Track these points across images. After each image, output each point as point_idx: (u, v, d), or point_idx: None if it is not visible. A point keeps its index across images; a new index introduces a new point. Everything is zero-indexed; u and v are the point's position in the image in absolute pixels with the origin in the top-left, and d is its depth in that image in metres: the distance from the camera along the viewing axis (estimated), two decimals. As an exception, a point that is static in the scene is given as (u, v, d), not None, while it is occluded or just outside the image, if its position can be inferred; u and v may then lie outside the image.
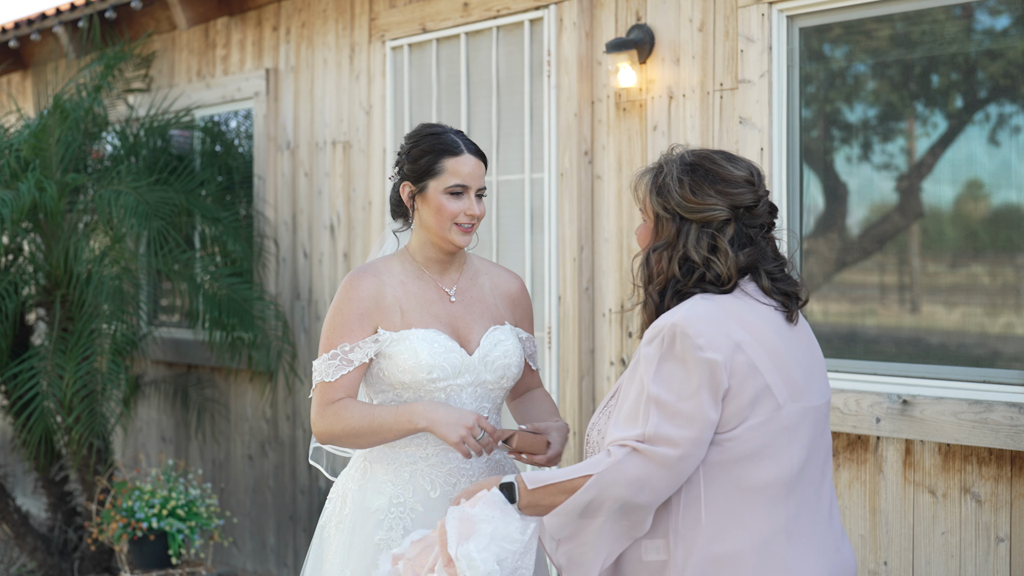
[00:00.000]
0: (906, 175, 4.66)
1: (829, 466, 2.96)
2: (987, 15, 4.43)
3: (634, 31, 5.27)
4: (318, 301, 6.93)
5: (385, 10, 6.45)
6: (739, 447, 2.78)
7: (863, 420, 4.52)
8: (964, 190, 4.52)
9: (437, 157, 3.38)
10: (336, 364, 3.36)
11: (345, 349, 3.36)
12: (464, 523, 2.82)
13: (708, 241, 2.86)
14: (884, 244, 4.73)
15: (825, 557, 2.87)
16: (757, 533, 2.78)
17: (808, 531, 2.84)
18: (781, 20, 4.82)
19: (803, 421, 2.84)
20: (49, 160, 6.70)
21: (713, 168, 2.90)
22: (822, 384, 2.95)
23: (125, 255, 6.66)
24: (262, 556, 7.34)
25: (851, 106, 4.78)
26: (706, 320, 2.78)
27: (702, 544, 2.78)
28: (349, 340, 3.37)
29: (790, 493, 2.80)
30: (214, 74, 7.64)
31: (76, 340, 6.51)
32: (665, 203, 2.91)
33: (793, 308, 2.91)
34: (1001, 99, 4.40)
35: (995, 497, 4.24)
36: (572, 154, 5.46)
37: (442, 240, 3.41)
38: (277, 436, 7.21)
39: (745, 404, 2.77)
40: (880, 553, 4.54)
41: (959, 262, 4.53)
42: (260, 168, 7.24)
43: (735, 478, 2.78)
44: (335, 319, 3.40)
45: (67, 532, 7.29)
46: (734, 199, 2.88)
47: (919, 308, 4.63)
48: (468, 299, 3.49)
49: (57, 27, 7.91)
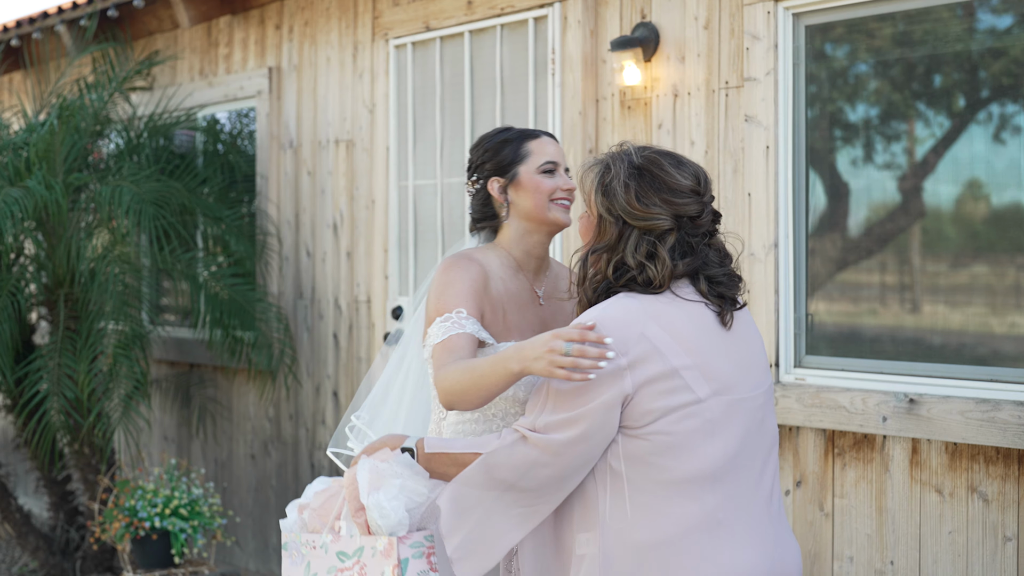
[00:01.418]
0: (910, 174, 4.64)
1: (773, 457, 2.98)
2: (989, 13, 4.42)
3: (639, 29, 5.26)
4: (321, 300, 6.91)
5: (388, 8, 6.43)
6: (659, 440, 2.81)
7: (869, 419, 4.51)
8: (966, 189, 4.51)
9: (519, 143, 3.39)
10: (448, 326, 3.18)
11: (461, 314, 3.21)
12: (375, 475, 2.92)
13: (647, 248, 2.89)
14: (889, 243, 4.72)
15: (758, 549, 2.88)
16: (682, 522, 2.81)
17: (740, 523, 2.86)
18: (787, 18, 4.80)
19: (731, 413, 2.87)
20: (54, 160, 6.69)
21: (660, 175, 2.92)
22: (759, 376, 2.97)
23: (128, 252, 6.64)
24: (264, 555, 7.32)
25: (853, 105, 4.77)
26: (617, 320, 2.81)
27: (628, 535, 2.82)
28: (464, 308, 3.22)
29: (717, 484, 2.83)
30: (216, 73, 7.63)
31: (84, 339, 6.50)
32: (610, 206, 2.93)
33: (727, 310, 2.93)
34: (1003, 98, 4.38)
35: (1002, 496, 4.23)
36: (577, 152, 5.45)
37: (543, 221, 3.38)
38: (280, 435, 7.20)
39: (657, 400, 2.80)
40: (887, 552, 4.52)
41: (965, 261, 4.52)
42: (263, 167, 7.23)
43: (657, 470, 2.82)
44: (447, 290, 3.24)
45: (69, 531, 7.28)
46: (678, 209, 2.91)
47: (925, 307, 4.62)
48: (553, 304, 3.47)
49: (59, 26, 7.89)
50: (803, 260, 4.83)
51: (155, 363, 7.89)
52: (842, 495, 4.65)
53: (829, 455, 4.69)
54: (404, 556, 2.95)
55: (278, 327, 6.93)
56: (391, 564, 2.93)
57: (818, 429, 4.71)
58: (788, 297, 4.82)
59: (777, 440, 3.03)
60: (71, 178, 6.71)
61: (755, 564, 2.86)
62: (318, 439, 6.93)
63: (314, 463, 6.96)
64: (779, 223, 4.81)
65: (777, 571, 2.92)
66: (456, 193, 6.14)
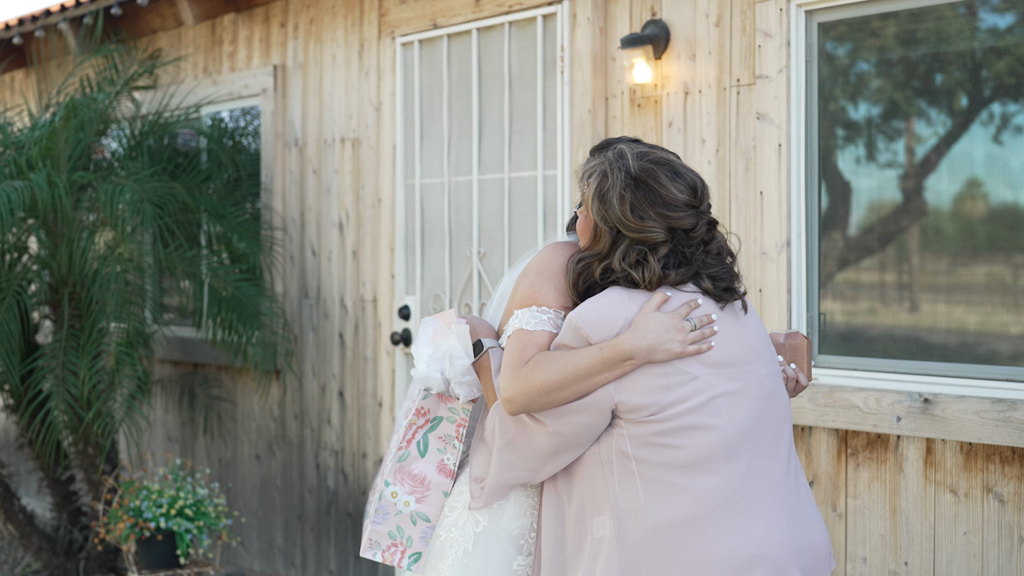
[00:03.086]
0: (918, 173, 4.61)
1: (788, 429, 3.02)
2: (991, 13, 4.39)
3: (649, 26, 5.23)
4: (326, 300, 6.88)
5: (395, 6, 6.40)
6: (665, 422, 2.87)
7: (883, 419, 4.48)
8: (968, 189, 4.48)
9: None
10: (543, 318, 3.05)
11: (561, 313, 3.07)
12: (438, 332, 3.23)
13: (637, 256, 2.96)
14: (900, 241, 4.69)
15: (781, 523, 2.90)
16: (700, 500, 2.85)
17: (760, 497, 2.89)
18: (800, 15, 4.77)
19: (737, 386, 2.93)
20: (58, 158, 6.66)
21: (656, 188, 2.96)
22: (761, 350, 3.03)
23: (131, 251, 6.61)
24: (269, 556, 7.29)
25: (868, 102, 4.74)
26: (600, 314, 2.92)
27: (644, 516, 2.86)
28: (556, 306, 3.08)
29: (732, 458, 2.87)
30: (221, 71, 7.59)
31: (88, 337, 6.47)
32: (605, 215, 2.98)
33: (728, 299, 3.00)
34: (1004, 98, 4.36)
35: (1018, 496, 4.20)
36: (586, 151, 5.42)
37: None
38: (285, 435, 7.16)
39: (654, 380, 2.88)
40: (900, 553, 4.49)
41: (982, 260, 4.49)
42: (268, 165, 7.19)
43: (668, 451, 2.87)
44: (541, 275, 3.10)
45: (72, 532, 7.24)
46: (673, 222, 2.96)
47: (941, 307, 4.59)
48: None
49: (62, 24, 7.86)
50: (815, 259, 4.80)
51: (159, 363, 7.86)
52: (855, 495, 4.62)
53: (842, 455, 4.66)
54: (439, 415, 3.28)
55: (283, 324, 6.90)
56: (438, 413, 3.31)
57: (831, 429, 4.68)
58: (800, 296, 4.78)
59: (790, 413, 3.06)
60: (75, 176, 6.67)
61: (778, 539, 2.88)
62: (323, 439, 6.90)
63: (319, 463, 6.92)
64: (791, 221, 4.78)
65: (801, 545, 2.92)
66: (464, 192, 6.11)
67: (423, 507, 3.27)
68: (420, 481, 3.28)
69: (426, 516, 3.27)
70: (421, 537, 3.27)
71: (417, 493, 3.28)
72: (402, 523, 3.28)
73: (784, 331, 3.45)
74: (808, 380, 3.31)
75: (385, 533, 3.28)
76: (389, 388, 6.46)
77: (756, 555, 2.83)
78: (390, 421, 6.46)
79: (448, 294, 6.17)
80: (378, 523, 3.29)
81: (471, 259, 6.06)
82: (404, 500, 3.28)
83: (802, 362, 3.31)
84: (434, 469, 3.28)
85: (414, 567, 3.29)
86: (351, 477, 6.73)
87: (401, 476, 3.28)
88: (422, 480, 3.28)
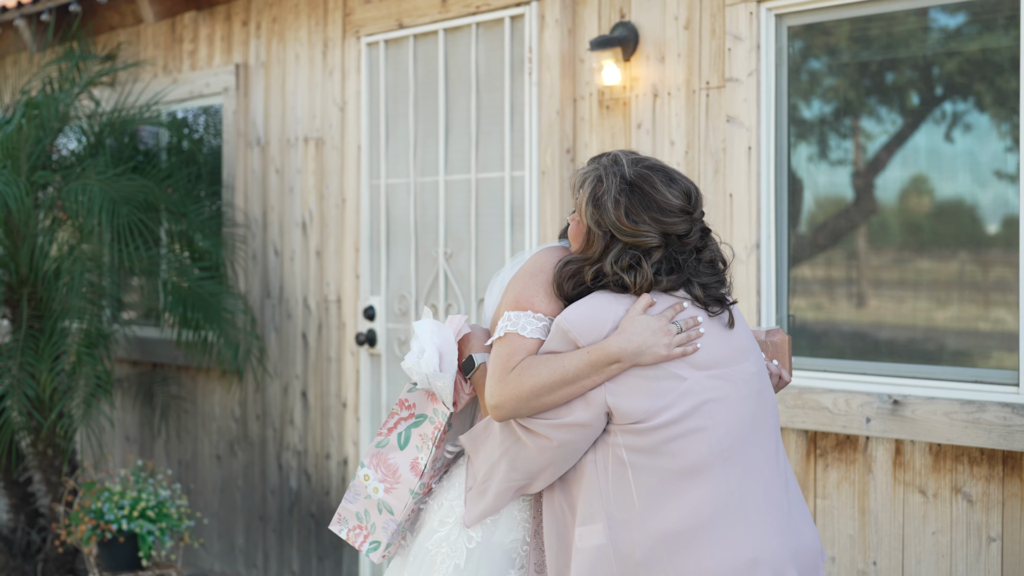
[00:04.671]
0: (868, 171, 4.66)
1: (775, 428, 3.04)
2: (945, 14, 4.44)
3: (618, 28, 5.24)
4: (289, 299, 6.85)
5: (360, 6, 6.38)
6: (659, 430, 2.87)
7: (853, 420, 4.52)
8: (963, 187, 4.53)
9: None
10: (539, 325, 3.02)
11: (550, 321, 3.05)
12: (433, 331, 3.24)
13: (629, 260, 2.97)
14: (860, 244, 4.73)
15: (776, 529, 2.91)
16: (698, 509, 2.85)
17: (757, 503, 2.90)
18: (770, 18, 4.80)
19: (727, 387, 2.94)
20: (19, 158, 6.58)
21: (651, 193, 2.97)
22: (748, 350, 3.05)
23: (92, 250, 6.55)
24: (230, 557, 7.25)
25: (837, 104, 4.78)
26: (587, 317, 2.94)
27: (639, 525, 2.86)
28: (549, 313, 3.05)
29: (728, 462, 2.88)
30: (181, 69, 7.53)
31: (48, 338, 6.40)
32: (599, 219, 2.99)
33: (716, 313, 3.01)
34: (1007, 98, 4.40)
35: (987, 497, 4.25)
36: (554, 152, 5.43)
37: None
38: (246, 435, 7.13)
39: (644, 384, 2.89)
40: (869, 553, 4.54)
41: (951, 259, 4.54)
42: (230, 164, 7.15)
43: (664, 458, 2.87)
44: (536, 278, 3.08)
45: (30, 534, 7.16)
46: (667, 228, 2.98)
47: (911, 307, 4.63)
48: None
49: (18, 20, 7.77)
50: (785, 261, 4.84)
51: (118, 363, 7.79)
52: (824, 496, 4.66)
53: (811, 456, 4.70)
54: (424, 412, 3.32)
55: (245, 321, 6.85)
56: (428, 408, 3.34)
57: (800, 430, 4.71)
58: (770, 298, 4.82)
59: (777, 410, 3.09)
60: (35, 176, 6.60)
61: (775, 541, 2.89)
62: (286, 439, 6.87)
63: (282, 464, 6.89)
64: (761, 224, 4.81)
65: (796, 546, 2.94)
66: (430, 192, 6.10)
67: (390, 498, 3.32)
68: (392, 472, 3.33)
69: (391, 508, 3.32)
70: (383, 527, 3.34)
71: (387, 483, 3.33)
72: (369, 508, 3.35)
73: (765, 328, 3.47)
74: (790, 376, 3.33)
75: (353, 513, 3.38)
76: (353, 389, 6.44)
77: (755, 558, 2.85)
78: (355, 421, 6.44)
79: (414, 295, 6.16)
80: (349, 501, 3.38)
81: (437, 260, 6.05)
82: (374, 486, 3.34)
83: (784, 358, 3.34)
84: (407, 464, 3.32)
85: (372, 554, 3.36)
86: (314, 478, 6.70)
87: (377, 462, 3.34)
88: (394, 472, 3.33)
